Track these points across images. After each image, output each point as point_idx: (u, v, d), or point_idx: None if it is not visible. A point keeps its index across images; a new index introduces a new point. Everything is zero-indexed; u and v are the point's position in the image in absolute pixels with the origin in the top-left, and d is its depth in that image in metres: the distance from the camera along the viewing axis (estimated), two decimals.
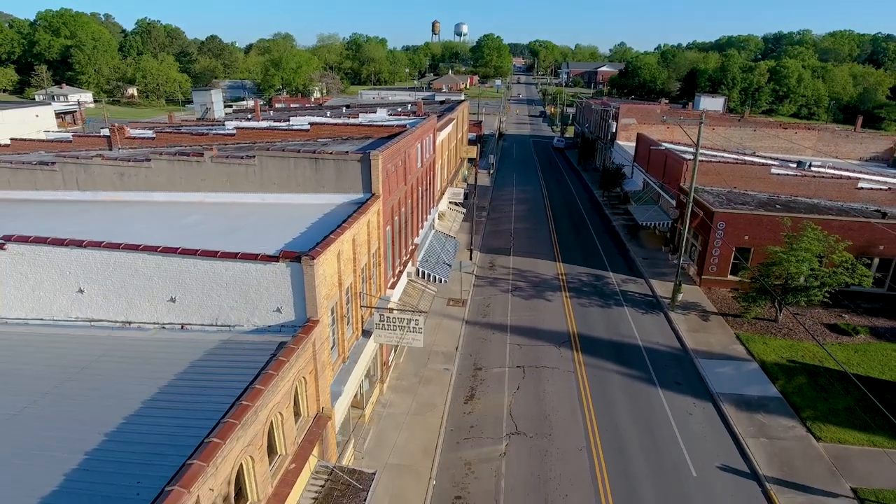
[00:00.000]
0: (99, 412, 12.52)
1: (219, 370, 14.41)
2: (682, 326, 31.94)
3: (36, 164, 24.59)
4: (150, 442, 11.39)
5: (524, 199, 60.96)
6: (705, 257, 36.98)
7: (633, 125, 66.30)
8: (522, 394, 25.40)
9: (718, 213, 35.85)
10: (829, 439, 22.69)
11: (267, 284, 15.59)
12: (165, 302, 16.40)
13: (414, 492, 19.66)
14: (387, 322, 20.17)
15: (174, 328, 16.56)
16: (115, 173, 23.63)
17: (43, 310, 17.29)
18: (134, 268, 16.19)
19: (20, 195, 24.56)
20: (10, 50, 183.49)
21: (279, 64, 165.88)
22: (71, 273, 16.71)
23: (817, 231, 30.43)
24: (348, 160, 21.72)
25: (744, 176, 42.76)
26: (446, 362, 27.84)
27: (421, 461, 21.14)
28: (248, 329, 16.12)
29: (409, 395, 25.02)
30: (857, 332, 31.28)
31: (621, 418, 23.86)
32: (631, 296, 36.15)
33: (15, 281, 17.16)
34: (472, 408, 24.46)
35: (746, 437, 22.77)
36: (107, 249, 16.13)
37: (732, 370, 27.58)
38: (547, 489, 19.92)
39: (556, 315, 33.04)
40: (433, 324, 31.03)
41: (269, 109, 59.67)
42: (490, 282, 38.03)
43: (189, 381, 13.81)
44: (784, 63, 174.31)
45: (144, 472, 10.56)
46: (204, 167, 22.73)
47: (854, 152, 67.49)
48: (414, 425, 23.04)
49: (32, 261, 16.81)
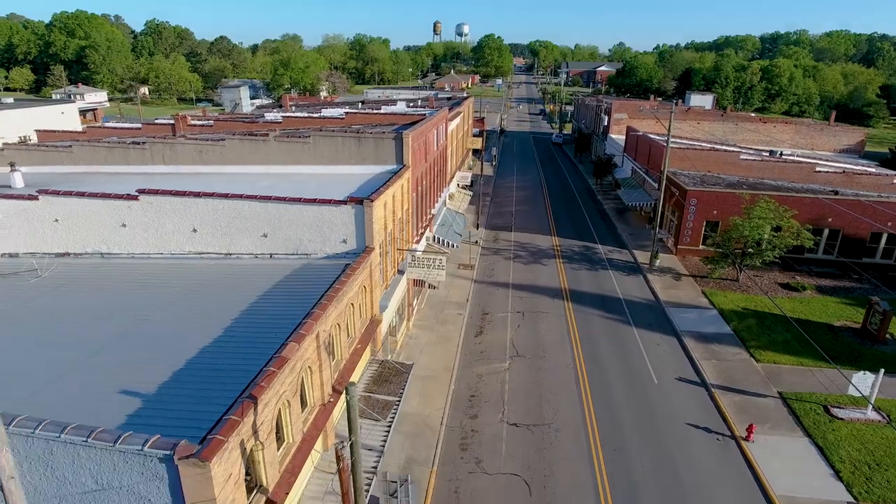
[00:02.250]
0: (214, 315, 17.73)
1: (302, 283, 20.21)
2: (658, 285, 37.78)
3: (129, 143, 30.47)
4: (258, 328, 16.46)
5: (524, 187, 66.80)
6: (680, 230, 42.80)
7: (624, 120, 72.12)
8: (522, 330, 31.27)
9: (691, 192, 41.67)
10: (766, 361, 28.52)
11: (336, 222, 21.44)
12: (259, 237, 22.27)
13: (438, 392, 25.49)
14: (417, 261, 26.02)
15: (265, 257, 22.42)
16: (195, 150, 29.48)
17: (163, 246, 23.17)
18: (237, 212, 22.05)
19: (116, 168, 30.45)
20: (27, 51, 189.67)
21: (288, 64, 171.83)
22: (187, 217, 22.57)
23: (770, 203, 36.24)
24: (384, 138, 27.57)
25: (717, 161, 48.61)
26: (459, 309, 33.70)
27: (442, 374, 26.98)
28: (321, 256, 21.97)
29: (430, 331, 30.87)
30: (804, 289, 37.11)
31: (601, 346, 29.72)
32: (615, 262, 42.00)
33: (143, 224, 23.03)
34: (481, 340, 30.33)
35: (700, 359, 28.61)
36: (217, 198, 21.98)
37: (695, 315, 33.42)
38: (541, 391, 25.76)
39: (551, 276, 38.91)
40: (447, 282, 36.81)
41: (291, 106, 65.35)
42: (494, 251, 43.90)
43: (280, 291, 19.50)
44: (776, 63, 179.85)
45: (256, 346, 15.65)
46: (269, 145, 28.58)
47: (828, 144, 73.23)
48: (435, 351, 28.89)
49: (158, 208, 22.66)
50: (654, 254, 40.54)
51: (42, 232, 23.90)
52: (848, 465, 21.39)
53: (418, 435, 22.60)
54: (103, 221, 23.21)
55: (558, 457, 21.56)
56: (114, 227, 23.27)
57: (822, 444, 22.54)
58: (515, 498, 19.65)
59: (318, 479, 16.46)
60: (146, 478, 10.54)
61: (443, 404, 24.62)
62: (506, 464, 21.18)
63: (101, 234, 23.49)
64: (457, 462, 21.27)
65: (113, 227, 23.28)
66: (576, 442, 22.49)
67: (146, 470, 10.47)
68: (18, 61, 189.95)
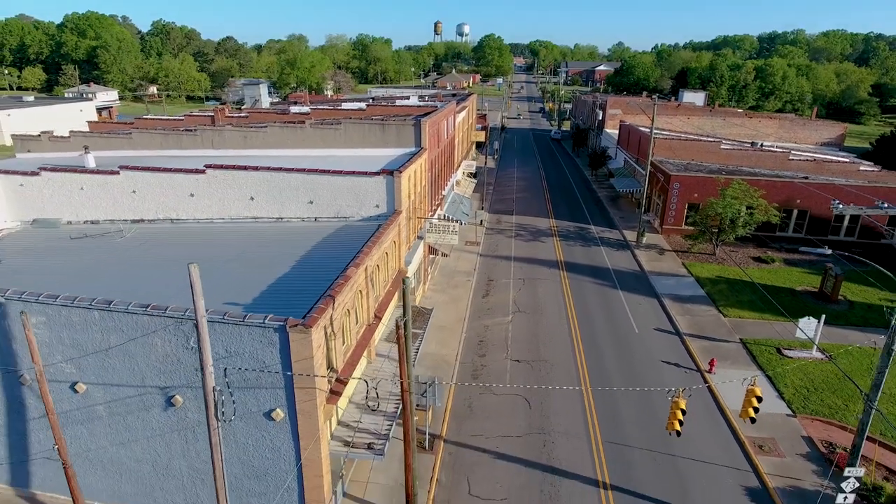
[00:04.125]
0: (278, 259, 22.35)
1: (345, 238, 24.86)
2: (643, 258, 42.46)
3: (182, 130, 35.13)
4: (316, 267, 21.08)
5: (524, 178, 71.48)
6: (665, 211, 47.48)
7: (618, 115, 76.80)
8: (523, 293, 35.94)
9: (674, 177, 46.35)
10: (733, 316, 33.21)
11: (370, 190, 26.11)
12: (306, 204, 26.93)
13: (452, 339, 30.16)
14: (433, 228, 30.70)
15: (310, 220, 27.09)
16: (241, 136, 34.13)
17: (225, 212, 27.83)
18: (287, 182, 26.72)
19: (170, 153, 35.08)
20: (39, 51, 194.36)
21: (294, 63, 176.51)
22: (245, 188, 27.23)
23: (741, 184, 40.91)
24: (405, 124, 32.25)
25: (700, 151, 53.29)
26: (467, 276, 38.39)
27: (455, 325, 31.67)
28: (357, 219, 26.64)
29: (443, 293, 35.55)
30: (773, 262, 41.80)
31: (591, 305, 34.41)
32: (606, 240, 46.71)
33: (208, 194, 27.69)
34: (487, 300, 35.02)
35: (676, 315, 33.29)
36: (271, 171, 26.64)
37: (674, 282, 38.11)
38: (538, 339, 30.43)
39: (548, 250, 43.62)
40: (455, 255, 41.57)
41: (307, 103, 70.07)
42: (497, 231, 48.59)
43: (328, 244, 24.12)
44: (770, 62, 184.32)
45: (319, 276, 20.51)
46: (305, 131, 33.25)
47: (810, 138, 77.88)
48: (448, 308, 33.56)
49: (221, 180, 27.33)
50: (641, 232, 45.23)
51: (121, 201, 28.57)
52: (791, 390, 26.08)
53: (438, 368, 27.27)
54: (174, 192, 27.88)
55: (553, 383, 26.23)
56: (183, 196, 27.94)
57: (772, 375, 27.23)
58: (518, 411, 24.33)
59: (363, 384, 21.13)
60: (263, 344, 15.22)
61: (456, 347, 29.31)
62: (510, 388, 25.85)
63: (171, 203, 28.17)
64: (470, 386, 25.95)
65: (182, 196, 27.95)
66: (567, 373, 27.17)
67: (264, 339, 15.15)
68: (30, 61, 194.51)
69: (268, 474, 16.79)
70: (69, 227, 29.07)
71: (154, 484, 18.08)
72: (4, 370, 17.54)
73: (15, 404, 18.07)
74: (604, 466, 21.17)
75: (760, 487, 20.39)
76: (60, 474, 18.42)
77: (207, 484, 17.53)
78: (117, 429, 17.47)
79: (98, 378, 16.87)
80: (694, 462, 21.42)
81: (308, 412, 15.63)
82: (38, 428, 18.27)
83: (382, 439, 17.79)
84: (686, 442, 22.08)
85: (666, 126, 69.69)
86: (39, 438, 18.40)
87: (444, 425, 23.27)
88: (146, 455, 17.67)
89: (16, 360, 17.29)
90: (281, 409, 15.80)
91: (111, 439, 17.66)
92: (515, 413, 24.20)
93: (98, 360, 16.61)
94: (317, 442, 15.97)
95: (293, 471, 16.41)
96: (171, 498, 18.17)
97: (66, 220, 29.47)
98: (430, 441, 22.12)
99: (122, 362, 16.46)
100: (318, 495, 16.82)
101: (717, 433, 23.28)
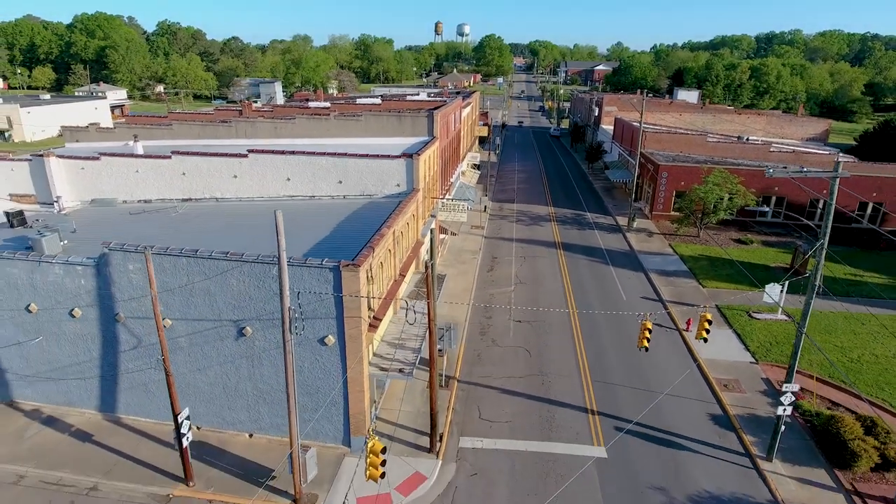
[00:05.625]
0: (314, 229, 26.63)
1: (371, 211, 28.90)
2: (633, 240, 46.53)
3: (218, 122, 39.15)
4: (349, 232, 25.65)
5: (524, 170, 75.58)
6: (654, 198, 51.55)
7: (613, 112, 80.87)
8: (524, 268, 40.02)
9: (662, 166, 50.42)
10: (711, 286, 37.29)
11: (392, 171, 30.16)
12: (335, 183, 30.98)
13: (462, 307, 34.19)
14: (444, 207, 34.72)
15: (339, 198, 31.14)
16: (272, 127, 38.15)
17: (264, 192, 31.88)
18: (319, 165, 30.76)
19: (207, 142, 39.07)
20: (48, 50, 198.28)
21: (299, 63, 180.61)
22: (282, 170, 31.27)
23: (722, 172, 44.98)
24: (419, 116, 36.29)
25: (688, 143, 57.36)
26: (474, 255, 42.47)
27: (463, 293, 35.72)
28: (381, 196, 30.69)
29: (452, 268, 39.60)
30: (752, 243, 45.89)
31: (584, 278, 38.48)
32: (600, 224, 50.81)
33: (249, 175, 31.74)
34: (492, 273, 39.10)
35: (660, 286, 37.36)
36: (305, 155, 30.69)
37: (661, 259, 42.18)
38: (537, 303, 34.47)
39: (547, 233, 47.71)
40: (462, 237, 45.61)
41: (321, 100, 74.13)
42: (500, 217, 52.69)
43: (357, 216, 28.14)
44: (764, 62, 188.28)
45: (354, 237, 24.86)
46: (329, 122, 37.29)
47: (796, 133, 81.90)
48: (457, 280, 37.61)
49: (262, 163, 31.38)
50: (632, 217, 49.30)
51: (171, 183, 32.64)
52: (755, 343, 30.16)
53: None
54: (219, 174, 31.94)
55: (550, 338, 30.30)
56: (227, 178, 32.00)
57: (741, 332, 31.31)
58: (520, 359, 28.39)
59: (390, 328, 25.19)
60: (320, 282, 19.26)
61: (466, 310, 33.35)
62: (513, 341, 29.93)
63: (216, 184, 32.23)
64: (478, 341, 30.02)
65: (226, 178, 32.01)
66: (563, 331, 31.24)
67: (321, 277, 19.20)
68: (40, 61, 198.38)
69: (319, 391, 20.84)
70: (124, 205, 33.14)
71: (223, 404, 22.13)
72: (103, 309, 21.59)
73: (110, 339, 22.11)
74: (592, 398, 25.23)
75: (723, 415, 24.44)
76: (142, 399, 22.70)
77: (268, 402, 21.59)
78: (196, 357, 21.50)
79: (182, 314, 20.91)
80: (669, 396, 25.45)
81: (354, 337, 19.69)
82: (127, 359, 22.31)
83: (410, 366, 21.85)
84: (662, 382, 26.16)
85: (659, 122, 73.80)
86: (128, 368, 22.44)
87: (458, 369, 27.34)
88: (218, 379, 21.71)
89: (113, 301, 21.35)
90: (332, 335, 19.85)
91: (190, 367, 21.68)
92: (518, 360, 28.25)
93: (182, 299, 20.65)
94: (360, 363, 20.04)
95: (340, 386, 20.48)
96: (237, 416, 22.22)
97: (121, 200, 33.53)
98: (446, 380, 26.17)
99: (202, 300, 20.51)
100: (359, 409, 20.88)
101: (690, 376, 27.30)
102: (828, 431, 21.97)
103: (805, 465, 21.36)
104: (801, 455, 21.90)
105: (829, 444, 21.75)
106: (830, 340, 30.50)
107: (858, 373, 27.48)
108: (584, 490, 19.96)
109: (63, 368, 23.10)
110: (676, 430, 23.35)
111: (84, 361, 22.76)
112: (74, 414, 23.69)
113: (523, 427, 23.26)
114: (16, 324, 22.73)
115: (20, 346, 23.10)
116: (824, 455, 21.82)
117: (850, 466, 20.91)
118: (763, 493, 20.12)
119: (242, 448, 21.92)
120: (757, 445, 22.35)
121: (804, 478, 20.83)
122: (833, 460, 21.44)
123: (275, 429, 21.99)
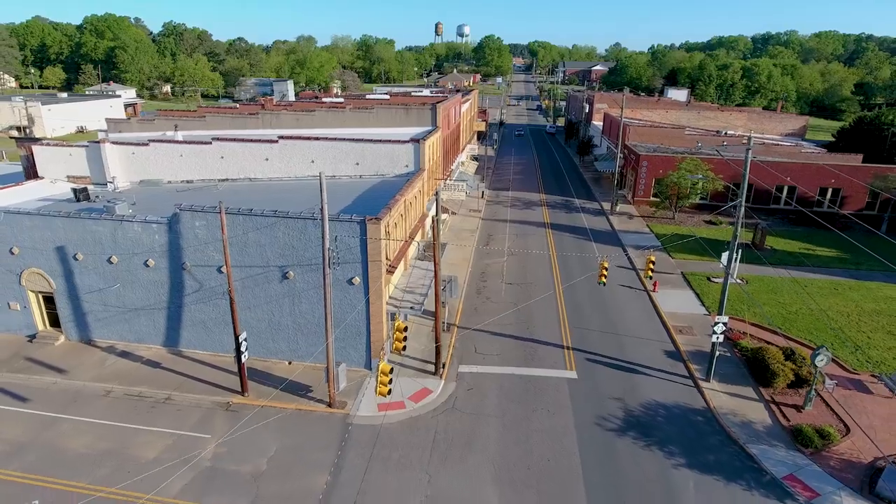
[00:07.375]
0: (338, 199, 32.14)
1: (384, 187, 34.18)
2: (615, 221, 51.85)
3: (247, 114, 44.45)
4: (367, 201, 31.00)
5: (520, 163, 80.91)
6: (636, 185, 56.85)
7: (604, 109, 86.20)
8: (516, 243, 45.35)
9: (643, 156, 55.73)
10: (678, 258, 42.61)
11: (402, 154, 35.45)
12: (353, 165, 36.28)
13: (461, 270, 39.50)
14: (446, 186, 39.99)
15: (356, 178, 36.44)
16: (294, 118, 43.45)
17: (291, 173, 37.16)
18: (339, 149, 36.06)
19: (236, 132, 44.32)
20: (59, 51, 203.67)
21: (304, 63, 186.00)
22: (308, 153, 36.56)
23: (694, 160, 50.30)
24: (424, 108, 41.59)
25: (668, 136, 62.69)
26: (472, 233, 47.79)
27: (462, 263, 41.03)
28: (392, 175, 35.99)
29: (451, 243, 44.90)
30: (720, 224, 51.21)
31: (569, 250, 43.82)
32: (587, 209, 56.16)
33: (279, 158, 37.03)
34: (487, 247, 44.41)
35: (634, 257, 42.68)
36: (328, 141, 35.97)
37: (638, 237, 47.51)
38: (526, 270, 39.79)
39: (538, 216, 53.05)
40: (461, 218, 50.91)
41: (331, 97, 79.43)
42: (496, 203, 58.03)
43: (373, 190, 33.44)
44: (756, 62, 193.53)
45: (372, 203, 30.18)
46: (345, 114, 42.60)
47: (776, 129, 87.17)
48: (457, 252, 42.92)
49: (290, 148, 36.67)
50: (615, 202, 54.62)
51: (211, 165, 37.92)
52: (710, 300, 35.45)
53: None
54: (253, 157, 37.22)
55: (536, 295, 35.59)
56: (259, 161, 37.29)
57: (699, 292, 36.62)
58: (510, 312, 33.69)
59: (401, 280, 30.46)
60: (349, 234, 24.54)
61: (465, 275, 38.65)
62: (505, 298, 35.22)
63: (250, 166, 37.51)
64: (475, 298, 35.32)
65: (259, 161, 37.30)
66: (547, 290, 36.53)
67: (350, 229, 24.47)
68: (50, 61, 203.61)
69: (346, 324, 26.11)
70: (169, 185, 38.43)
71: (267, 337, 27.39)
72: (172, 260, 26.87)
73: (176, 284, 27.39)
74: (568, 338, 30.55)
75: (675, 351, 29.74)
76: (200, 335, 27.95)
77: (304, 333, 26.86)
78: (246, 297, 26.76)
79: (237, 262, 26.16)
80: (633, 338, 30.75)
81: (376, 278, 24.97)
82: (190, 301, 27.56)
83: (419, 305, 27.13)
84: (629, 329, 31.48)
85: (647, 118, 79.12)
86: (191, 309, 27.69)
87: (458, 318, 32.64)
88: (264, 315, 26.98)
89: (181, 252, 26.63)
90: (358, 276, 25.13)
91: (241, 305, 26.89)
92: (508, 312, 33.54)
93: (237, 250, 25.90)
94: (380, 298, 25.32)
95: (364, 318, 25.76)
96: (278, 346, 27.49)
97: (166, 181, 38.81)
98: (447, 326, 31.46)
99: (254, 250, 25.78)
100: (378, 337, 26.17)
101: (652, 325, 32.57)
102: (756, 358, 27.29)
103: (736, 385, 26.64)
104: (735, 378, 27.20)
105: (757, 368, 27.06)
106: (775, 298, 35.81)
107: (794, 322, 32.82)
108: (557, 399, 25.26)
109: (136, 310, 28.38)
110: (636, 361, 28.64)
111: (154, 304, 28.05)
112: (143, 349, 28.97)
113: (511, 358, 28.56)
114: (98, 273, 28.02)
115: (101, 292, 28.38)
116: (753, 377, 27.12)
117: (772, 384, 26.18)
118: (699, 402, 25.42)
119: (283, 372, 27.18)
120: (699, 372, 27.63)
121: (734, 393, 26.12)
122: (759, 380, 26.73)
123: (309, 356, 27.25)
